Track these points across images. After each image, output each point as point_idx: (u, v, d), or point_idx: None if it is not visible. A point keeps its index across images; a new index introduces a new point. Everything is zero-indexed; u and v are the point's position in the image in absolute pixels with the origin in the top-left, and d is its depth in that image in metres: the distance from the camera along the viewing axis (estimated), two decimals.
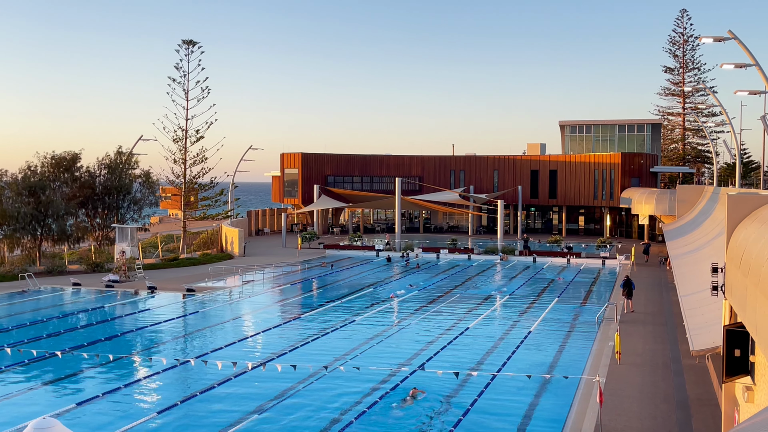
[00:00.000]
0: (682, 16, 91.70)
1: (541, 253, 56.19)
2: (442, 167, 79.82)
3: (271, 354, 25.15)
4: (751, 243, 11.03)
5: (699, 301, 19.29)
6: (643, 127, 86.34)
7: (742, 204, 13.38)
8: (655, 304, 35.18)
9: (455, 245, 59.30)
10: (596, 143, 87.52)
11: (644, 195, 61.68)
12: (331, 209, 79.07)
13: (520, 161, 78.19)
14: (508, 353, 25.46)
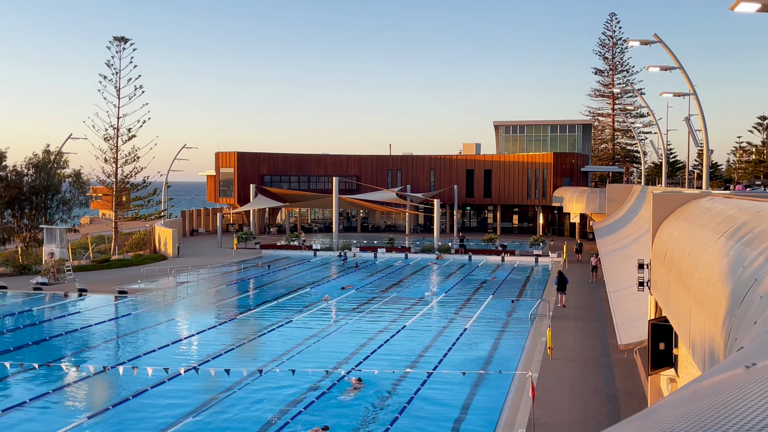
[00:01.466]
0: (611, 20, 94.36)
1: (476, 251, 56.98)
2: (380, 167, 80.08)
3: (207, 356, 24.83)
4: (674, 240, 11.45)
5: (626, 296, 19.93)
6: (574, 127, 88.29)
7: (667, 202, 13.89)
8: (586, 299, 36.12)
9: (392, 244, 59.61)
10: (530, 143, 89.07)
11: (575, 194, 63.21)
12: (268, 209, 78.41)
13: (456, 161, 79.09)
14: (445, 350, 25.78)
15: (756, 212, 8.65)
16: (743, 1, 13.70)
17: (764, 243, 6.76)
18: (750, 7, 13.82)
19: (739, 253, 7.32)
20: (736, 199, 11.33)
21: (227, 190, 77.30)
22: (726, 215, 9.80)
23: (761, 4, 13.64)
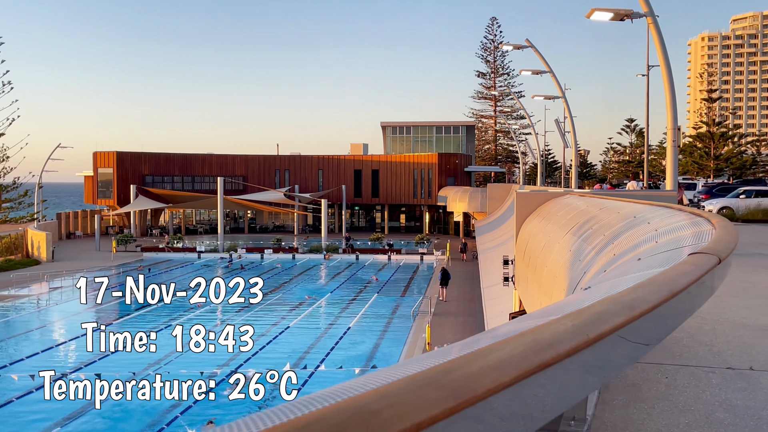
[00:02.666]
0: (492, 24, 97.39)
1: (363, 250, 57.45)
2: (267, 167, 79.28)
3: (80, 363, 23.90)
4: (532, 236, 12.03)
5: (496, 292, 20.73)
6: (458, 128, 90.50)
7: (528, 201, 14.58)
8: (466, 295, 37.19)
9: (280, 245, 59.20)
10: (416, 144, 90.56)
11: (458, 193, 64.87)
12: (150, 210, 76.05)
13: (344, 161, 79.40)
14: (327, 349, 25.91)
15: (599, 210, 9.25)
16: (597, 11, 14.55)
17: (598, 239, 7.26)
18: (604, 16, 14.71)
19: (578, 248, 7.83)
20: (589, 198, 12.04)
21: (106, 192, 74.37)
22: (576, 212, 10.42)
23: (613, 14, 14.55)
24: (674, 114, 14.54)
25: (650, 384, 5.37)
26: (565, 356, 1.15)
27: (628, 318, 1.36)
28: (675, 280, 1.72)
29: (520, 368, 1.06)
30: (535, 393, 1.17)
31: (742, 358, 6.13)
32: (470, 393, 0.90)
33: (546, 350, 1.12)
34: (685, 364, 5.96)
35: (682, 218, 5.23)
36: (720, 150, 60.75)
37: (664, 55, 14.47)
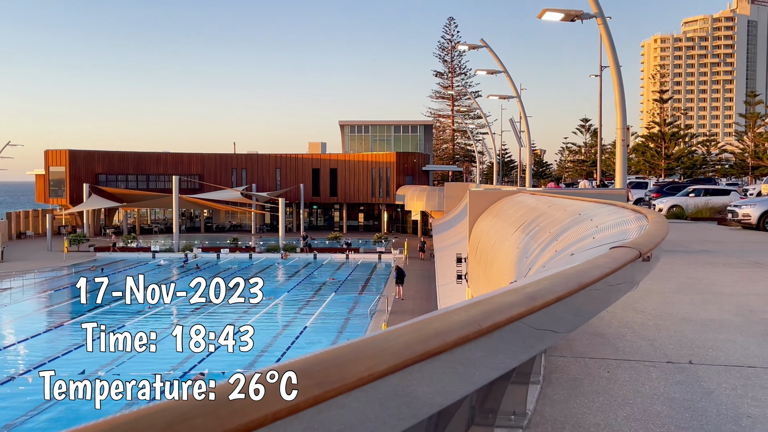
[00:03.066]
0: (450, 24, 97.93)
1: (321, 249, 57.27)
2: (224, 165, 78.52)
3: (29, 365, 23.36)
4: (484, 234, 12.11)
5: (450, 290, 20.85)
6: (416, 128, 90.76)
7: (481, 199, 14.69)
8: (423, 294, 37.33)
9: (236, 244, 58.67)
10: (374, 143, 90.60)
11: (416, 192, 65.08)
12: (104, 210, 74.71)
13: (302, 160, 79.06)
14: (284, 349, 25.77)
15: (548, 207, 9.36)
16: (548, 11, 14.71)
17: (544, 236, 7.34)
18: (555, 17, 14.88)
19: (526, 245, 7.91)
20: (539, 196, 12.17)
21: (58, 190, 72.84)
22: (526, 210, 10.53)
23: (564, 14, 14.73)
24: (623, 114, 14.79)
25: (592, 378, 5.45)
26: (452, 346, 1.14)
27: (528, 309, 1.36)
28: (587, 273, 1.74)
29: (399, 357, 1.07)
30: (413, 384, 1.16)
31: (682, 352, 6.26)
32: (339, 382, 0.89)
33: (430, 340, 1.11)
34: (627, 358, 6.06)
35: (624, 215, 5.31)
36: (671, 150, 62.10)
37: (613, 55, 14.69)
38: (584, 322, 1.83)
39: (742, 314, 8.02)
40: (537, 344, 1.58)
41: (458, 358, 1.22)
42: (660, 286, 10.21)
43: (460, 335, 1.17)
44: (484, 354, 1.30)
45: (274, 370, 0.92)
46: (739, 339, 6.76)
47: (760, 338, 6.78)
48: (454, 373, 1.20)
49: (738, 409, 4.70)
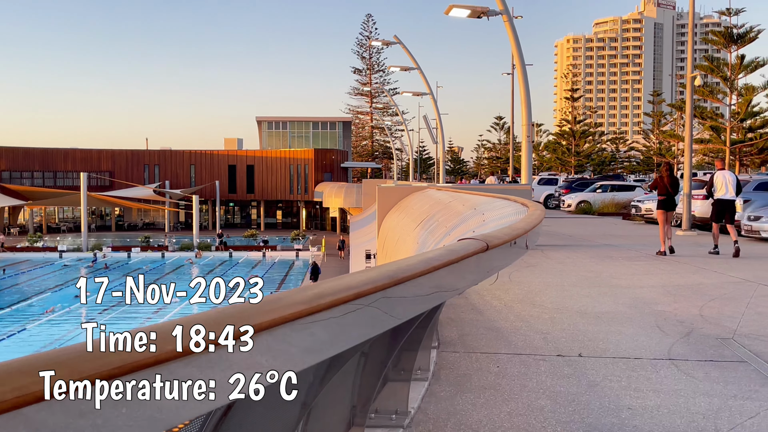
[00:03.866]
0: (368, 20, 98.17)
1: (237, 247, 56.35)
2: (136, 162, 76.24)
3: None
4: (390, 230, 12.04)
5: None
6: (335, 124, 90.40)
7: (390, 195, 14.65)
8: None
9: (148, 243, 57.06)
10: (293, 139, 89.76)
11: (334, 189, 64.86)
12: (8, 207, 71.34)
13: (218, 156, 77.57)
14: None
15: (448, 202, 9.36)
16: (455, 8, 14.76)
17: (440, 230, 7.30)
18: (461, 13, 14.95)
19: (424, 240, 7.87)
20: (445, 191, 12.19)
21: None
22: (429, 205, 10.53)
23: (470, 11, 14.81)
24: (529, 111, 15.00)
25: (481, 374, 5.41)
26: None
27: (351, 295, 1.31)
28: (425, 263, 1.64)
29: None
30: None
31: (574, 345, 6.31)
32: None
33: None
34: (519, 352, 6.06)
35: (513, 209, 5.28)
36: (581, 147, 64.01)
37: (519, 53, 14.88)
38: (416, 312, 1.73)
39: (635, 306, 8.19)
40: (364, 330, 1.50)
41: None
42: (560, 279, 10.37)
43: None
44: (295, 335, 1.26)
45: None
46: (630, 331, 6.88)
47: (649, 330, 6.91)
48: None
49: (620, 401, 4.74)
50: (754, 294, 8.97)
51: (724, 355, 5.97)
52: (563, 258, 13.10)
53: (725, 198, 13.86)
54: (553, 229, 21.11)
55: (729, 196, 13.85)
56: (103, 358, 0.97)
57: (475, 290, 9.37)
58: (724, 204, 13.91)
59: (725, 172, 14.09)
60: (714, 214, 14.08)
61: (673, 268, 11.66)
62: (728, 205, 13.94)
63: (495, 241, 2.09)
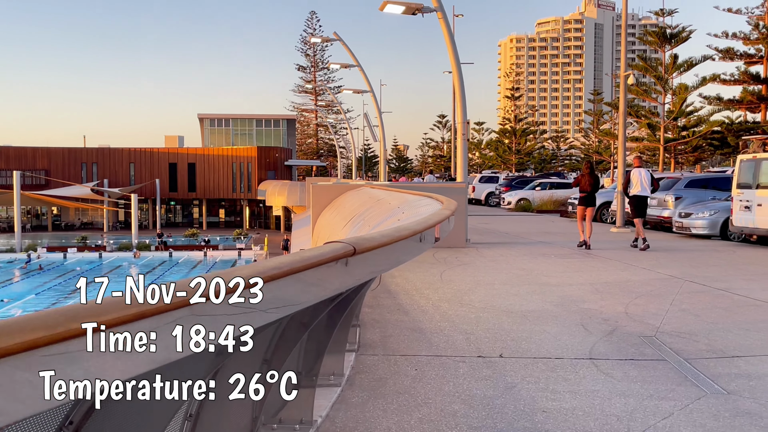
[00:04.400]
0: (312, 18, 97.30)
1: (177, 247, 55.27)
2: (73, 160, 74.14)
3: None
4: (323, 228, 11.85)
5: None
6: (279, 122, 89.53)
7: (325, 193, 14.45)
8: None
9: (86, 243, 55.53)
10: (236, 136, 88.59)
11: (277, 187, 64.21)
12: None
13: (158, 154, 75.99)
14: None
15: (378, 200, 9.21)
16: (390, 4, 14.61)
17: (365, 228, 7.13)
18: (396, 9, 14.82)
19: None
20: (378, 189, 12.04)
21: None
22: (360, 203, 10.37)
23: (405, 7, 14.69)
24: (463, 109, 14.96)
25: (398, 378, 5.25)
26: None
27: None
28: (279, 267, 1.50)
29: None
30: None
31: (496, 345, 6.21)
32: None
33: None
34: (439, 354, 5.92)
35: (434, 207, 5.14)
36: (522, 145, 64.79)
37: (453, 51, 14.82)
38: (289, 311, 1.60)
39: (562, 305, 8.16)
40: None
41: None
42: (492, 277, 10.32)
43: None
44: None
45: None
46: (554, 330, 6.82)
47: (573, 328, 6.87)
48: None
49: (535, 404, 4.64)
50: (680, 291, 9.05)
51: (645, 353, 5.95)
52: (497, 256, 13.09)
53: (641, 194, 14.45)
54: (491, 227, 21.19)
55: (644, 192, 14.44)
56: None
57: (404, 290, 9.23)
58: (640, 200, 14.49)
59: (641, 169, 14.67)
60: (633, 209, 14.64)
61: (604, 265, 11.74)
62: (644, 201, 14.56)
63: (365, 245, 1.91)
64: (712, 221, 16.21)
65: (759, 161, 14.71)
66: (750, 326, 6.94)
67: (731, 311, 7.74)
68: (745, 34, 40.27)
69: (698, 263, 11.92)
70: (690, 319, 7.28)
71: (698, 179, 19.43)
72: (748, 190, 14.85)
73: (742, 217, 14.94)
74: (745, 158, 15.17)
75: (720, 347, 6.12)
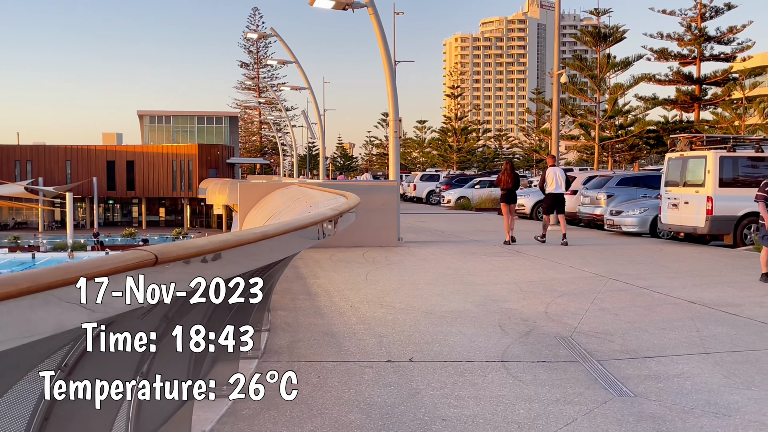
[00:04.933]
0: (255, 14, 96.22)
1: (114, 247, 53.81)
2: (5, 157, 71.75)
3: None
4: (247, 226, 11.49)
5: None
6: (222, 119, 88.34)
7: (253, 192, 14.12)
8: None
9: (17, 243, 53.70)
10: (176, 134, 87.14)
11: (218, 185, 63.13)
12: None
13: (96, 151, 74.05)
14: None
15: (297, 198, 8.95)
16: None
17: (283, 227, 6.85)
18: (326, 4, 14.53)
19: None
20: (306, 188, 11.77)
21: None
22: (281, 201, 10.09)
23: (335, 2, 14.41)
24: (395, 105, 14.78)
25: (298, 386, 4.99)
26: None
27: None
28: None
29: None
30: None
31: (408, 349, 6.00)
32: None
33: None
34: (347, 359, 5.68)
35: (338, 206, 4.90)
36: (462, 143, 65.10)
37: (384, 47, 14.60)
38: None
39: (483, 304, 8.02)
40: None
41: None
42: (417, 277, 10.14)
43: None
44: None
45: None
46: (470, 331, 6.65)
47: (490, 329, 6.72)
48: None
49: (436, 412, 4.44)
50: (603, 289, 9.02)
51: (558, 355, 5.83)
52: (428, 254, 12.94)
53: (555, 192, 14.97)
54: (427, 225, 21.09)
55: (559, 190, 14.96)
56: None
57: (326, 291, 8.99)
58: (554, 198, 15.03)
59: (555, 168, 15.23)
60: (545, 206, 15.31)
61: (532, 263, 11.69)
62: (558, 199, 15.05)
63: (169, 255, 1.66)
64: (642, 219, 16.39)
65: (686, 159, 14.91)
66: (666, 325, 6.90)
67: (650, 309, 7.72)
68: (679, 35, 41.19)
69: (625, 261, 11.98)
70: (608, 319, 7.22)
71: (630, 177, 19.66)
72: (675, 188, 15.05)
73: (670, 215, 15.13)
74: (673, 156, 15.37)
75: (634, 347, 6.05)
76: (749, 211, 14.23)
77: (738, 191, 14.20)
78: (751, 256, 12.59)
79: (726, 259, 12.25)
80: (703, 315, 7.39)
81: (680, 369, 5.40)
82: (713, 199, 14.04)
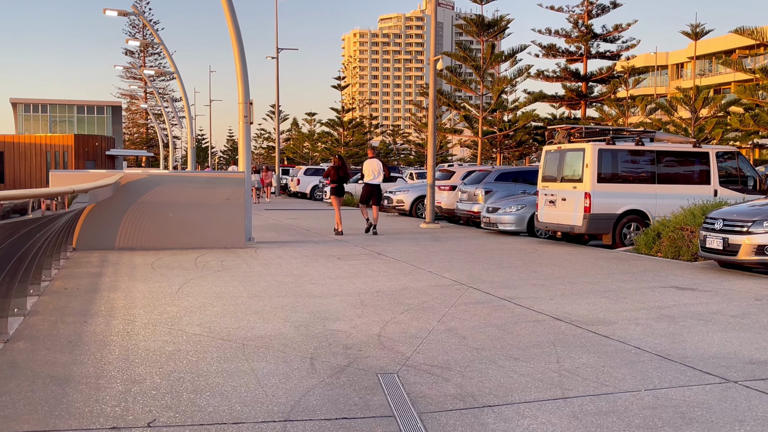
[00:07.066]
0: (141, 1, 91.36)
1: None
2: None
3: None
4: None
5: None
6: (103, 108, 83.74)
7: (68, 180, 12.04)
8: None
9: None
10: (54, 124, 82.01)
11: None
12: None
13: None
14: None
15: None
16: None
17: None
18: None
19: None
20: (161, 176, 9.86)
21: None
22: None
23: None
24: (246, 88, 12.98)
25: None
26: None
27: None
28: None
29: None
30: None
31: (159, 403, 4.23)
32: None
33: None
34: (52, 427, 3.88)
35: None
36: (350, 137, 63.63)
37: (235, 28, 12.78)
38: None
39: (307, 325, 6.39)
40: None
41: None
42: (244, 288, 8.40)
43: None
44: None
45: None
46: (267, 368, 4.97)
47: (296, 363, 5.07)
48: None
49: None
50: (457, 302, 7.58)
51: (369, 405, 4.24)
52: (274, 258, 11.22)
53: (372, 182, 15.81)
54: (297, 223, 19.37)
55: (375, 181, 15.78)
56: None
57: (113, 308, 7.11)
58: (371, 187, 15.82)
59: (374, 160, 15.90)
60: (362, 196, 16.10)
61: (388, 268, 10.18)
62: (374, 189, 15.80)
63: None
64: (519, 217, 15.26)
65: (564, 152, 13.82)
66: (520, 353, 5.47)
67: (506, 330, 6.29)
68: (567, 32, 41.11)
69: (493, 265, 10.65)
70: (452, 344, 5.73)
71: (509, 172, 18.57)
72: (553, 183, 13.95)
73: (547, 213, 14.02)
74: (550, 149, 14.25)
75: (473, 390, 4.54)
76: (629, 208, 13.29)
77: (618, 187, 13.23)
78: (629, 259, 11.55)
79: (602, 262, 11.13)
80: (567, 337, 6.02)
81: (525, 426, 3.92)
82: (591, 195, 12.99)
